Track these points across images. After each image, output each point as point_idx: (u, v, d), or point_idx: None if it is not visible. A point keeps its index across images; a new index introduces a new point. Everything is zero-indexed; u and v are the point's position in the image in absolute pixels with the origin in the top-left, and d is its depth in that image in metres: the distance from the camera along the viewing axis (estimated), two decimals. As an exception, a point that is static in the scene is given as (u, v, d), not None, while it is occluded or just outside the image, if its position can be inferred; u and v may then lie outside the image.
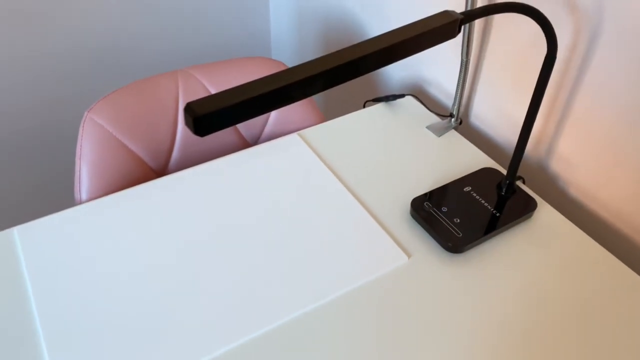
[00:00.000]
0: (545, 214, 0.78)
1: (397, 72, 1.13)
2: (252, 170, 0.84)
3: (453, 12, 0.53)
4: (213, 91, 0.96)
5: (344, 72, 0.47)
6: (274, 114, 0.99)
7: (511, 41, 0.83)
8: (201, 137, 0.94)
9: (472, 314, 0.65)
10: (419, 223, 0.76)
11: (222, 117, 0.42)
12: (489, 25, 0.86)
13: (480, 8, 0.55)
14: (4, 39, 1.20)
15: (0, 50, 1.22)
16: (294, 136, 0.91)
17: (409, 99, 0.99)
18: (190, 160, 0.95)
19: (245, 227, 0.75)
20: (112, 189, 0.84)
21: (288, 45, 1.55)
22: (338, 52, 0.47)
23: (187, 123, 0.42)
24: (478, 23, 0.88)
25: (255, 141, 1.00)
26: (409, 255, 0.72)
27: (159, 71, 0.94)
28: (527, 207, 0.77)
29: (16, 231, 0.72)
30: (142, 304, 0.65)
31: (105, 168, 0.84)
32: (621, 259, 0.78)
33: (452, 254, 0.72)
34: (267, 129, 1.00)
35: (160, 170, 0.93)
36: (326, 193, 0.80)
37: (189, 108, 0.41)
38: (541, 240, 0.74)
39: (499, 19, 0.84)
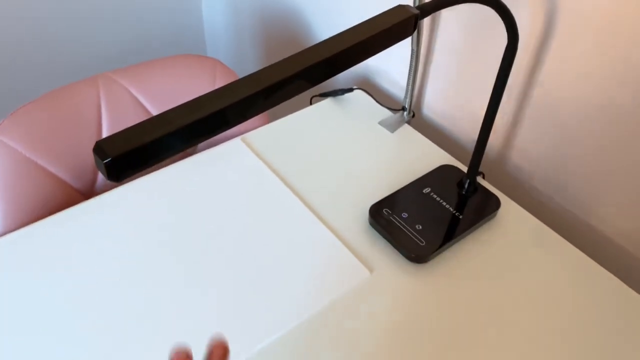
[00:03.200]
0: (510, 211, 0.74)
1: (343, 62, 1.06)
2: (192, 183, 0.75)
3: (408, 6, 0.47)
4: (140, 98, 0.85)
5: (288, 87, 0.40)
6: (212, 118, 0.90)
7: (462, 27, 0.78)
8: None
9: (440, 327, 0.60)
10: (379, 233, 0.70)
11: (142, 157, 0.34)
12: (438, 12, 0.81)
13: (437, 0, 0.49)
14: None
15: None
16: (236, 141, 0.83)
17: (358, 93, 0.92)
18: (121, 177, 0.85)
19: (187, 249, 0.67)
20: (32, 218, 0.73)
21: (224, 38, 1.44)
22: (278, 64, 0.39)
23: (98, 167, 0.33)
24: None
25: (193, 149, 0.91)
26: (370, 269, 0.66)
27: (75, 78, 0.83)
28: (490, 206, 0.72)
29: None
30: (71, 342, 0.56)
31: (20, 195, 0.73)
32: (588, 253, 0.76)
33: (416, 264, 0.67)
34: (206, 135, 0.90)
35: (87, 190, 0.83)
36: (276, 205, 0.73)
37: (99, 149, 0.33)
38: (507, 241, 0.70)
39: (448, 4, 0.79)
